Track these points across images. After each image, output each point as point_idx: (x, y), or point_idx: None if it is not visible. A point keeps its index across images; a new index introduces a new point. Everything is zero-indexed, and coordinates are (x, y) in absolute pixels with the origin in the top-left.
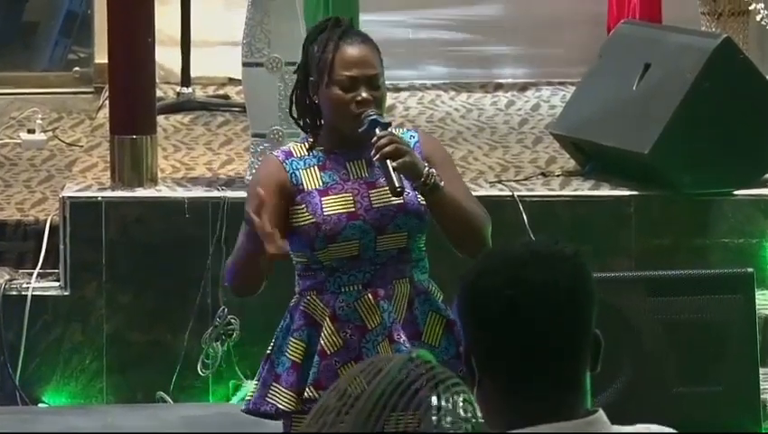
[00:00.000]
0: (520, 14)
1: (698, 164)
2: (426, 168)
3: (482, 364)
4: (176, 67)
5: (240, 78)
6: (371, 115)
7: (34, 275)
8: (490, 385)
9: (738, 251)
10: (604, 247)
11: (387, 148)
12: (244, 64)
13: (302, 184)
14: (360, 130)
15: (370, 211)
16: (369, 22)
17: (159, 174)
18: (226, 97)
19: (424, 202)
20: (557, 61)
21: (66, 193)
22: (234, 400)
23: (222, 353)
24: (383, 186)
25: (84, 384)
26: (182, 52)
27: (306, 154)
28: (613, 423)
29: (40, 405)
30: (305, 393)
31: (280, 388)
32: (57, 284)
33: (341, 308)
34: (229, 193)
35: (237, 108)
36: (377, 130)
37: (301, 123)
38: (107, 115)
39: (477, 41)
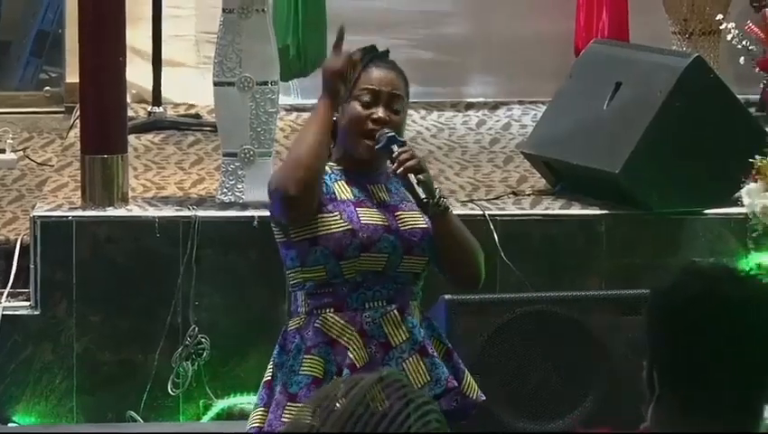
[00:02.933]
0: (491, 33)
1: (669, 183)
2: (438, 189)
3: (665, 380)
4: (147, 86)
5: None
6: (388, 132)
7: (5, 295)
8: (669, 401)
9: None
10: (575, 266)
11: (410, 163)
12: (215, 84)
13: (334, 193)
14: (377, 147)
15: (400, 229)
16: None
17: (130, 194)
18: (197, 116)
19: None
20: (527, 80)
21: (37, 213)
22: (205, 418)
23: (193, 372)
24: (408, 210)
25: (54, 404)
26: (154, 72)
27: (329, 171)
28: None
29: (10, 425)
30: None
31: (299, 406)
32: (27, 304)
33: (368, 324)
34: (200, 213)
35: (208, 128)
36: (394, 147)
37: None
38: (78, 134)
39: (448, 60)
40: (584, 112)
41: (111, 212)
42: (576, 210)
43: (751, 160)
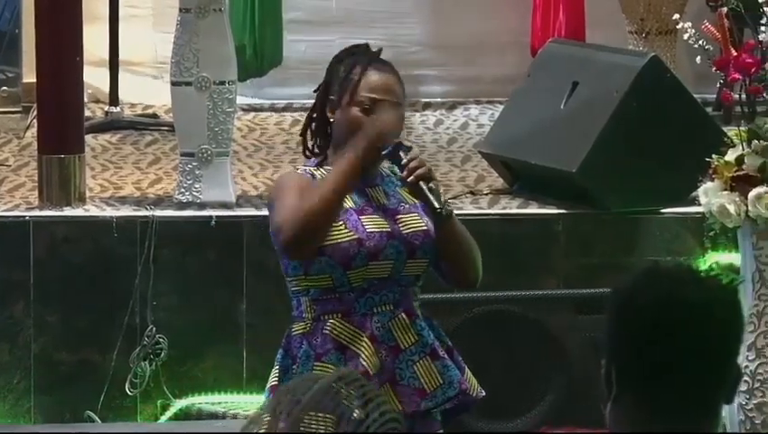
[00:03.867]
0: (448, 33)
1: (626, 182)
2: (443, 195)
3: (623, 380)
4: (104, 87)
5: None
6: (398, 141)
7: None
8: (626, 401)
9: None
10: (533, 265)
11: (420, 171)
12: (173, 84)
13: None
14: (383, 153)
15: (402, 235)
16: (296, 42)
17: (87, 194)
18: (154, 116)
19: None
20: (484, 79)
21: None
22: (162, 419)
23: (150, 372)
24: (406, 212)
25: (12, 404)
26: (111, 72)
27: (325, 174)
28: None
29: None
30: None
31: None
32: None
33: (378, 329)
34: (158, 213)
35: (165, 128)
36: (402, 154)
37: (310, 144)
38: (36, 134)
39: (405, 60)
40: (541, 112)
41: (68, 211)
42: (533, 209)
43: (708, 159)
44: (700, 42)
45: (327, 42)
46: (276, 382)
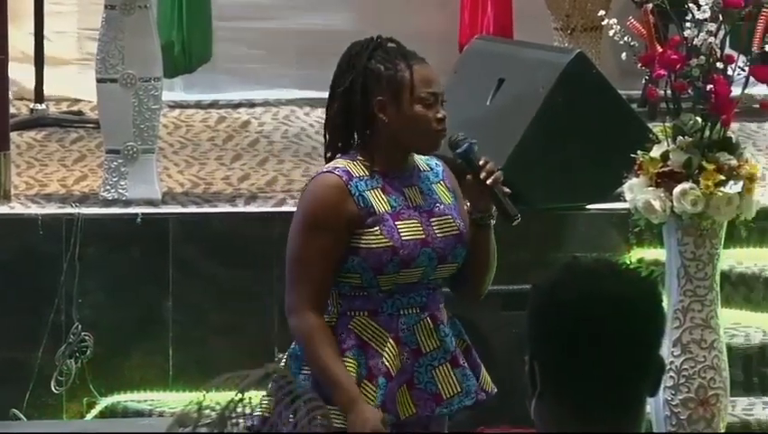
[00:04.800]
0: (375, 29)
1: (553, 178)
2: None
3: (546, 376)
4: (29, 83)
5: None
6: (471, 139)
7: None
8: (550, 398)
9: None
10: None
11: (498, 174)
12: (98, 80)
13: (372, 207)
14: (457, 151)
15: (436, 239)
16: (223, 38)
17: (12, 191)
18: (80, 113)
19: None
20: None
21: None
22: (88, 416)
23: (76, 370)
24: (440, 213)
25: None
26: (36, 69)
27: (367, 174)
28: None
29: None
30: None
31: (335, 408)
32: None
33: (403, 331)
34: (84, 210)
35: (91, 125)
36: (475, 155)
37: (340, 143)
38: None
39: (333, 56)
40: (467, 108)
41: None
42: None
43: (633, 155)
44: (626, 39)
45: (254, 40)
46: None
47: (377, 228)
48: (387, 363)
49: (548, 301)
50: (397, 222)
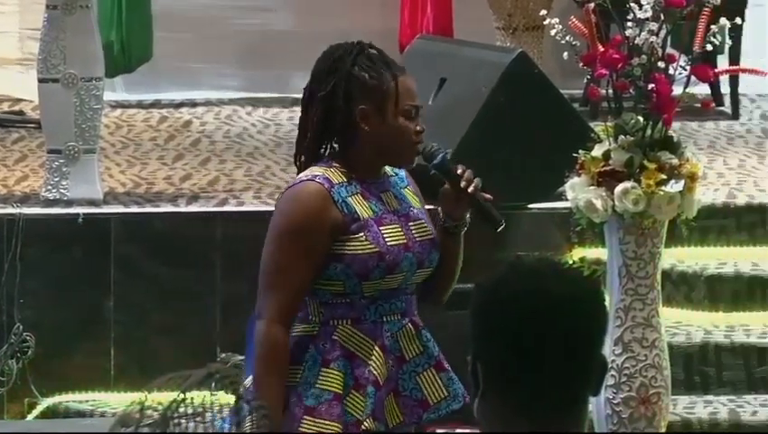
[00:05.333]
0: (315, 28)
1: (495, 177)
2: None
3: (488, 376)
4: None
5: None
6: (440, 148)
7: None
8: (493, 397)
9: None
10: None
11: (477, 181)
12: (40, 80)
13: (356, 213)
14: (433, 163)
15: (416, 244)
16: (163, 38)
17: None
18: (21, 113)
19: None
20: None
21: None
22: (30, 417)
23: (17, 370)
24: (416, 218)
25: None
26: None
27: (345, 180)
28: None
29: None
30: (365, 424)
31: (322, 421)
32: None
33: (387, 338)
34: (25, 210)
35: (32, 125)
36: (453, 166)
37: (322, 148)
38: None
39: (273, 55)
40: None
41: None
42: None
43: (575, 155)
44: (567, 38)
45: (195, 39)
46: None
47: (362, 234)
48: (375, 372)
49: (491, 300)
50: (381, 228)
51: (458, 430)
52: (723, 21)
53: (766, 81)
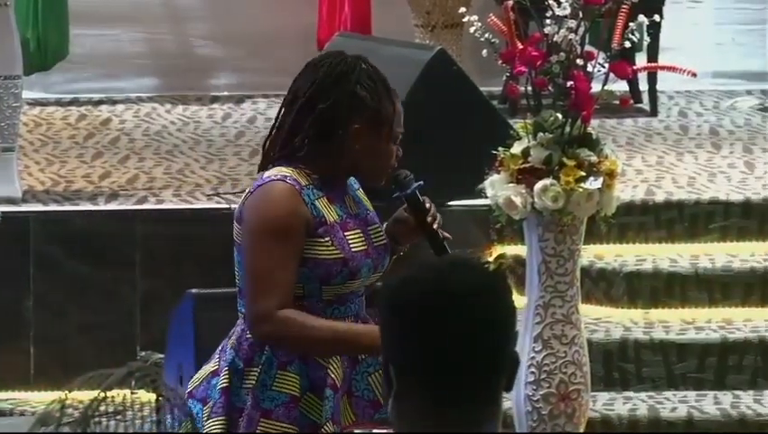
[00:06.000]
0: (234, 26)
1: (416, 175)
2: None
3: (400, 376)
4: None
5: None
6: (412, 177)
7: None
8: (405, 397)
9: None
10: None
11: (439, 217)
12: None
13: (324, 217)
14: (406, 192)
15: (374, 249)
16: (81, 36)
17: None
18: None
19: None
20: (271, 73)
21: None
22: None
23: None
24: (373, 222)
25: None
26: None
27: (311, 183)
28: None
29: None
30: (325, 428)
31: (278, 423)
32: None
33: None
34: None
35: None
36: (423, 199)
37: (300, 152)
38: None
39: (192, 53)
40: None
41: None
42: None
43: (494, 152)
44: (486, 36)
45: (113, 36)
46: (226, 385)
47: (327, 238)
48: (332, 375)
49: (396, 301)
50: (345, 233)
51: (375, 431)
52: (641, 18)
53: (684, 78)
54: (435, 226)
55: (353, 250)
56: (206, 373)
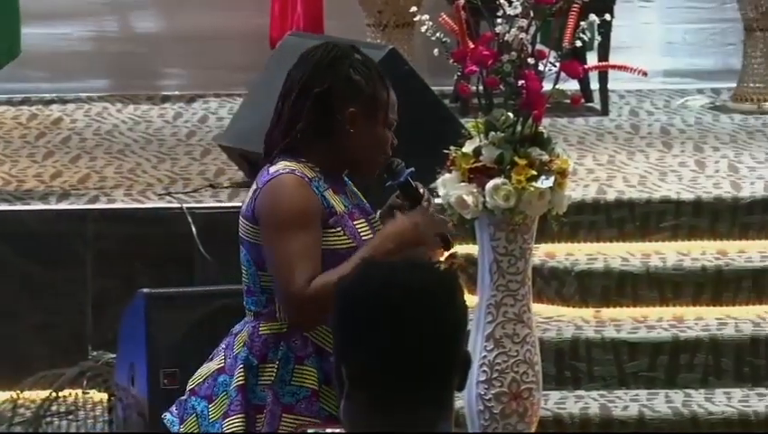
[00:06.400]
0: (186, 25)
1: None
2: None
3: (352, 375)
4: None
5: None
6: (406, 167)
7: None
8: (355, 397)
9: None
10: None
11: (434, 202)
12: None
13: (333, 207)
14: (399, 180)
15: (363, 240)
16: (32, 35)
17: None
18: None
19: None
20: (223, 72)
21: None
22: None
23: None
24: (371, 213)
25: None
26: None
27: (316, 175)
28: None
29: None
30: None
31: (301, 417)
32: None
33: None
34: None
35: None
36: (417, 185)
37: (301, 144)
38: None
39: (142, 52)
40: None
41: None
42: None
43: (445, 151)
44: (438, 35)
45: (64, 36)
46: (243, 382)
47: (339, 228)
48: None
49: (346, 300)
50: (354, 222)
51: (328, 430)
52: (592, 17)
53: (635, 77)
54: (430, 211)
55: (363, 238)
56: (210, 371)
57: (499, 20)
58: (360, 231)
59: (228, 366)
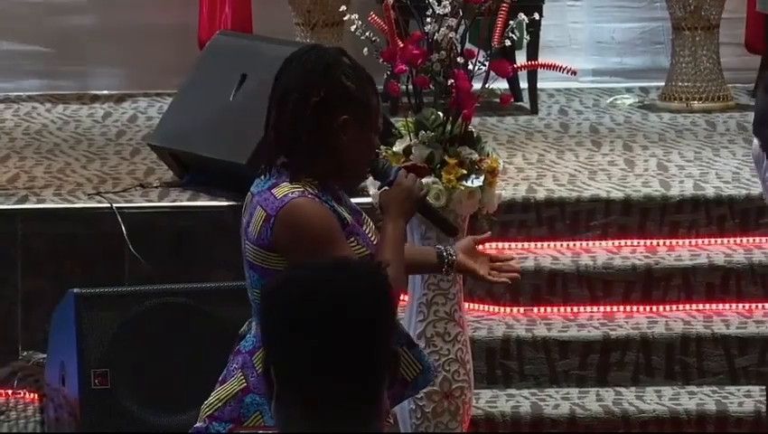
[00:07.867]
0: (114, 24)
1: None
2: None
3: (281, 377)
4: None
5: None
6: (392, 166)
7: None
8: (287, 398)
9: None
10: (206, 257)
11: (426, 189)
12: None
13: (345, 219)
14: (389, 180)
15: (374, 245)
16: None
17: None
18: None
19: None
20: (152, 72)
21: None
22: None
23: None
24: (368, 219)
25: None
26: None
27: (319, 191)
28: None
29: None
30: None
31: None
32: None
33: None
34: None
35: None
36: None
37: (293, 156)
38: None
39: (71, 52)
40: (210, 104)
41: None
42: (203, 201)
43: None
44: (367, 34)
45: None
46: (244, 385)
47: (352, 238)
48: None
49: (273, 300)
50: (362, 228)
51: (260, 432)
52: (521, 16)
53: (564, 76)
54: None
55: (374, 243)
56: (233, 393)
57: (428, 19)
58: (370, 238)
59: (252, 385)
